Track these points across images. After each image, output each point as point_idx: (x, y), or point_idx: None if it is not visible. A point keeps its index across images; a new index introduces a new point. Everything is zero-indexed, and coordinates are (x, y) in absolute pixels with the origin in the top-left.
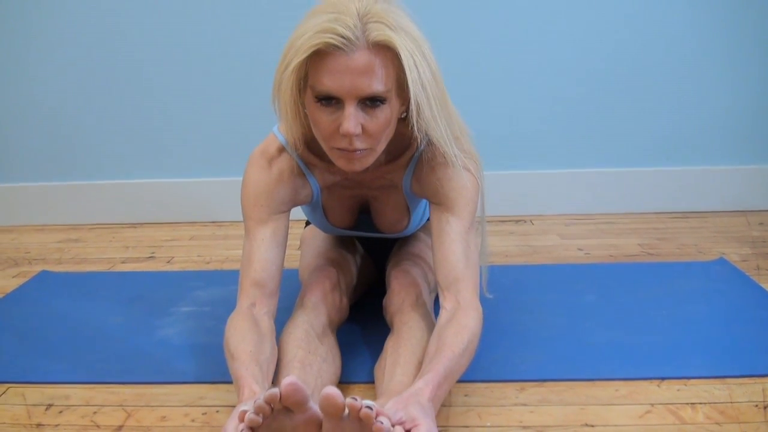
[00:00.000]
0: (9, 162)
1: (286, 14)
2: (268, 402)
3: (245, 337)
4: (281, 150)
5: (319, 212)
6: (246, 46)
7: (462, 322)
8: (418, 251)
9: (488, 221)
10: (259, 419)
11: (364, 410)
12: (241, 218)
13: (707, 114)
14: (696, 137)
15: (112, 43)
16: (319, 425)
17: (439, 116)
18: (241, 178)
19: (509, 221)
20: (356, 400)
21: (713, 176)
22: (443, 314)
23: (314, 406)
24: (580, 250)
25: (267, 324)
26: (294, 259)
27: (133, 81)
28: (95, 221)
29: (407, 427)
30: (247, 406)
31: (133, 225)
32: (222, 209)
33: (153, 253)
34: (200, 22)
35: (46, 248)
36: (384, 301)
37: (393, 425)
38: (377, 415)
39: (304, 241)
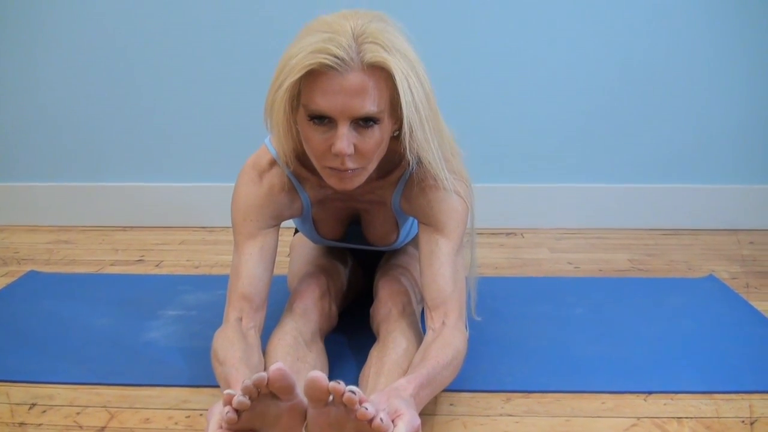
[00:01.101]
0: (1, 162)
1: (281, 21)
2: (256, 385)
3: (234, 344)
4: (272, 163)
5: (309, 224)
6: (241, 52)
7: (448, 340)
8: (406, 263)
9: (479, 233)
10: (247, 401)
11: (348, 394)
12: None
13: (702, 133)
14: (690, 156)
15: (108, 46)
16: (304, 414)
17: (432, 138)
18: (232, 185)
19: (500, 234)
20: (340, 383)
21: (705, 194)
22: (429, 333)
23: (300, 395)
24: (569, 264)
25: (253, 338)
26: (282, 266)
27: (127, 85)
28: (86, 223)
29: (390, 417)
30: (233, 391)
31: (124, 228)
32: (213, 215)
33: (142, 256)
34: (196, 27)
35: (36, 249)
36: (371, 309)
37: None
38: (361, 401)
39: (293, 248)
